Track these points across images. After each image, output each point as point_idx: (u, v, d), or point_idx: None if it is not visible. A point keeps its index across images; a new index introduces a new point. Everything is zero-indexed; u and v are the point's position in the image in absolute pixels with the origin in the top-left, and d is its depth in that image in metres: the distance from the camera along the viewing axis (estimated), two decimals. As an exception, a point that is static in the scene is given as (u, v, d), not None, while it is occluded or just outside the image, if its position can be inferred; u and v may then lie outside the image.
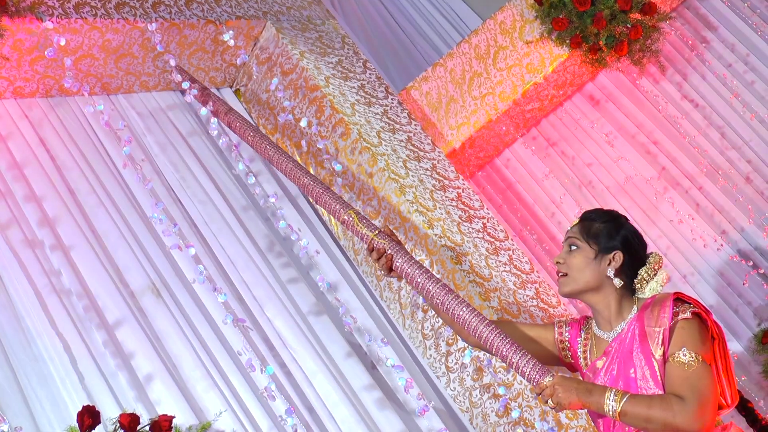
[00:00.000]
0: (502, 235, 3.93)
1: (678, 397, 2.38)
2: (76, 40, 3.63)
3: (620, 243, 2.66)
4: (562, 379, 2.52)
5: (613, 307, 2.65)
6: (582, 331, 2.80)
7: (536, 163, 5.76)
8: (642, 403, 2.40)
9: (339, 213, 3.12)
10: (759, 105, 5.35)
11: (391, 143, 4.03)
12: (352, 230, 3.04)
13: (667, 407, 2.37)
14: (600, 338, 2.69)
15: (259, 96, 4.35)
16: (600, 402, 2.45)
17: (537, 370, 2.58)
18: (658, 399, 2.40)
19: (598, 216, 2.74)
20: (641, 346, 2.52)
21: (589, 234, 2.68)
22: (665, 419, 2.37)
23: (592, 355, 2.72)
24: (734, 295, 5.15)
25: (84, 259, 3.39)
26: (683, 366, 2.42)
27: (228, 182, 3.97)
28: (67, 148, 3.69)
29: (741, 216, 5.25)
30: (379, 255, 2.92)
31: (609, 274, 2.64)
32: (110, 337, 3.24)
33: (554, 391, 2.50)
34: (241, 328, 3.34)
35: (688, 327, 2.49)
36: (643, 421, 2.40)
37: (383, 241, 2.92)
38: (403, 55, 6.53)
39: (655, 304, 2.57)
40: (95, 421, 2.78)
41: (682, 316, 2.50)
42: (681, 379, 2.41)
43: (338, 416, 3.42)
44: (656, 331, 2.50)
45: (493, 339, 2.68)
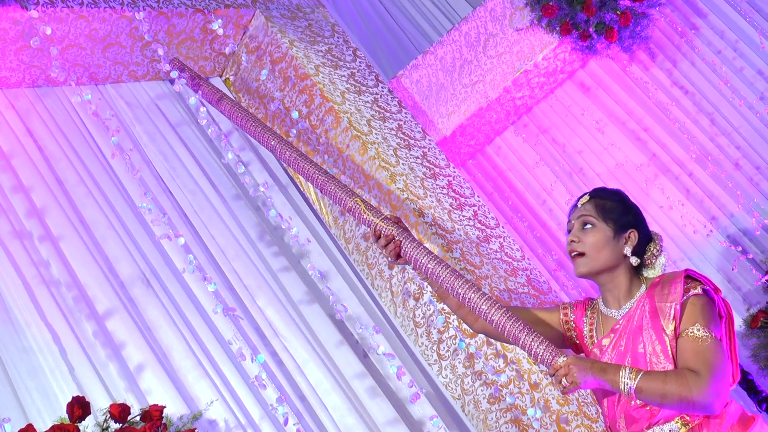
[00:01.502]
0: (492, 222, 3.92)
1: (692, 372, 2.39)
2: (63, 29, 3.60)
3: (634, 221, 2.66)
4: (575, 358, 2.50)
5: (624, 286, 2.65)
6: (587, 310, 2.80)
7: (527, 151, 5.77)
8: (657, 378, 2.41)
9: (344, 201, 3.10)
10: (748, 91, 5.36)
11: (382, 131, 4.02)
12: (357, 218, 3.02)
13: (683, 381, 2.38)
14: (607, 316, 2.69)
15: (248, 85, 4.33)
16: (615, 379, 2.44)
17: (550, 351, 2.56)
18: (673, 374, 2.41)
19: (608, 194, 2.73)
20: (652, 322, 2.53)
21: (604, 212, 2.66)
22: (681, 393, 2.37)
23: (599, 333, 2.71)
24: (724, 280, 5.17)
25: (73, 249, 3.38)
26: (697, 340, 2.43)
27: (218, 171, 3.95)
28: (54, 138, 3.67)
29: (730, 202, 5.27)
30: (387, 241, 2.89)
31: (626, 253, 2.63)
32: (100, 328, 3.23)
33: (569, 370, 2.48)
34: (231, 318, 3.33)
35: (700, 303, 2.50)
36: (659, 397, 2.40)
37: (391, 227, 2.90)
38: (393, 43, 6.52)
39: (665, 281, 2.57)
40: (85, 412, 2.77)
41: (693, 292, 2.51)
42: (695, 353, 2.42)
43: (330, 404, 3.42)
44: (667, 306, 2.51)
45: (504, 322, 2.66)
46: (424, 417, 3.51)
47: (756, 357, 4.82)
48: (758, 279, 5.00)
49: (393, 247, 2.87)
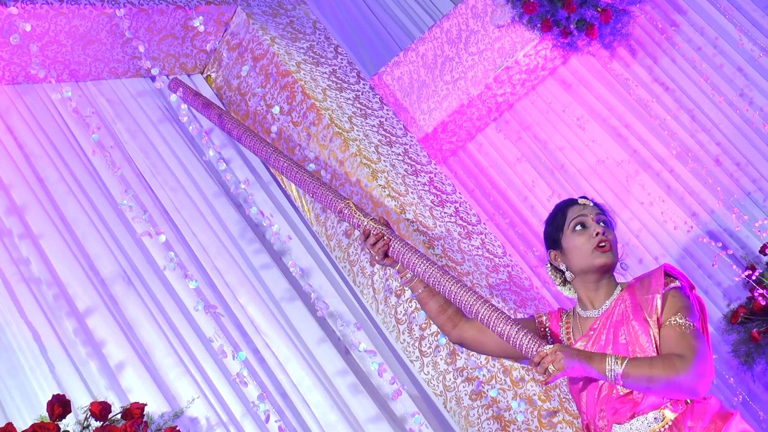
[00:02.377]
0: (474, 219, 3.93)
1: (678, 355, 2.46)
2: (42, 26, 3.59)
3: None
4: (561, 345, 2.56)
5: (611, 285, 2.76)
6: (562, 318, 2.89)
7: (508, 148, 5.78)
8: (643, 363, 2.46)
9: (336, 204, 3.18)
10: (728, 88, 5.39)
11: (363, 128, 4.03)
12: (348, 220, 3.11)
13: (669, 364, 2.44)
14: (585, 318, 2.77)
15: (230, 82, 4.33)
16: (601, 366, 2.49)
17: (535, 341, 2.63)
18: (659, 358, 2.47)
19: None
20: (635, 315, 2.60)
21: (608, 217, 2.82)
22: (668, 376, 2.43)
23: (577, 334, 2.79)
24: (704, 276, 5.20)
25: (53, 247, 3.37)
26: (680, 326, 2.51)
27: (199, 169, 3.95)
28: (35, 135, 3.65)
29: (711, 198, 5.29)
30: (376, 239, 2.97)
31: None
32: (81, 326, 3.22)
33: (556, 357, 2.52)
34: (213, 315, 3.33)
35: (679, 296, 2.60)
36: (646, 381, 2.45)
37: (380, 227, 2.99)
38: (374, 40, 6.51)
39: (644, 278, 2.68)
40: (65, 410, 2.77)
41: (672, 285, 2.62)
42: (679, 339, 2.50)
43: (312, 401, 3.43)
44: (649, 297, 2.60)
45: (490, 316, 2.72)
46: (406, 414, 3.51)
47: (736, 352, 4.84)
48: (738, 275, 5.03)
49: (382, 245, 2.96)
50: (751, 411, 4.93)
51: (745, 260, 5.05)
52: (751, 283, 4.81)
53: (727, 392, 4.98)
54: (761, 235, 5.13)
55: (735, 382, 4.95)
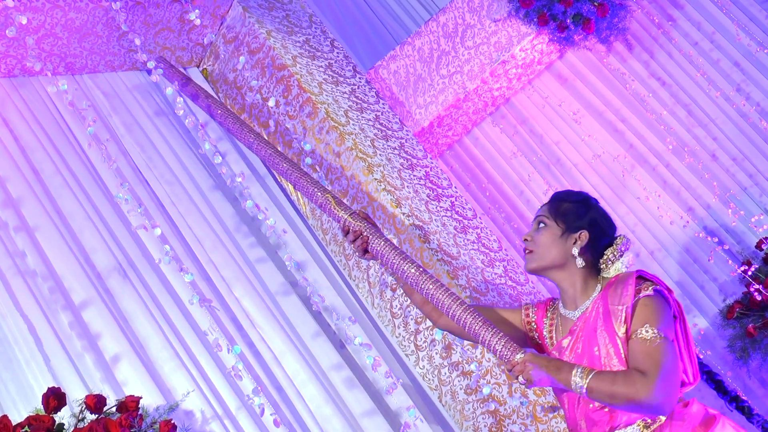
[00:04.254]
0: (470, 213, 3.93)
1: (640, 372, 2.41)
2: (38, 18, 3.58)
3: (587, 223, 2.69)
4: (532, 356, 2.55)
5: (578, 286, 2.68)
6: (548, 311, 2.84)
7: (504, 142, 5.78)
8: (606, 379, 2.43)
9: (315, 196, 3.14)
10: (724, 83, 5.39)
11: (359, 122, 4.02)
12: (328, 213, 3.08)
13: (630, 382, 2.39)
14: (565, 317, 2.72)
15: (226, 75, 4.32)
16: (567, 378, 2.48)
17: (509, 348, 2.61)
18: (622, 375, 2.43)
19: (568, 196, 2.78)
20: (605, 324, 2.55)
21: (557, 213, 2.72)
22: (628, 394, 2.39)
23: (558, 335, 2.75)
24: (700, 271, 5.21)
25: (49, 240, 3.36)
26: (645, 342, 2.44)
27: (194, 162, 3.94)
28: (30, 128, 3.65)
29: (707, 193, 5.30)
30: (355, 236, 2.95)
31: (574, 253, 2.66)
32: (76, 319, 3.22)
33: (525, 368, 2.53)
34: (208, 308, 3.33)
35: (650, 304, 2.51)
36: (608, 397, 2.43)
37: (359, 223, 2.96)
38: (371, 33, 6.51)
39: (618, 282, 2.59)
40: (61, 403, 2.77)
41: (644, 294, 2.53)
42: (643, 355, 2.43)
43: (306, 395, 3.43)
44: (619, 309, 2.53)
45: (466, 318, 2.71)
46: (401, 408, 3.52)
47: (732, 347, 4.85)
48: (734, 270, 5.04)
49: (360, 243, 2.94)
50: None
51: (741, 255, 5.06)
52: (747, 279, 4.83)
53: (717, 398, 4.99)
54: (757, 230, 5.15)
55: (731, 377, 4.96)
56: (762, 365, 4.75)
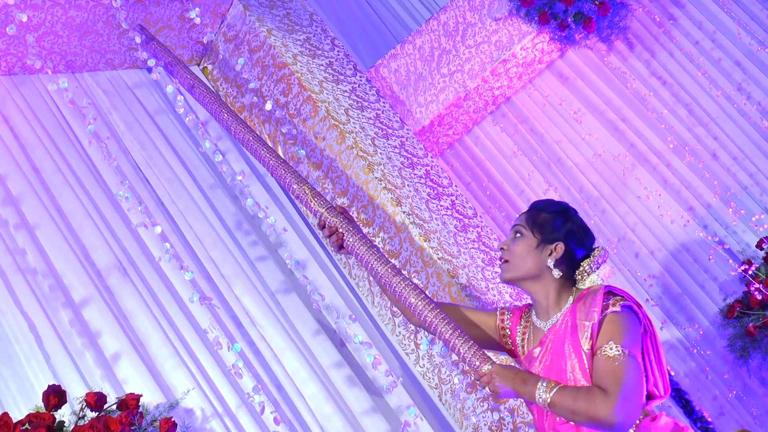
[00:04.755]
0: (470, 212, 3.93)
1: (602, 390, 2.39)
2: (39, 16, 3.58)
3: (563, 234, 2.67)
4: (500, 368, 2.55)
5: (551, 298, 2.66)
6: (522, 319, 2.82)
7: (505, 141, 5.78)
8: (569, 394, 2.43)
9: (293, 187, 3.10)
10: (726, 82, 5.38)
11: (360, 121, 4.02)
12: (305, 205, 3.04)
13: (591, 400, 2.39)
14: (537, 327, 2.71)
15: (226, 74, 4.32)
16: (532, 392, 2.48)
17: (478, 357, 2.60)
18: (584, 391, 2.42)
19: (547, 206, 2.75)
20: (572, 339, 2.53)
21: (534, 223, 2.69)
22: (588, 411, 2.38)
23: (530, 344, 2.73)
24: (700, 271, 5.20)
25: (49, 237, 3.37)
26: (609, 360, 2.42)
27: (195, 160, 3.95)
28: (31, 126, 3.65)
29: (707, 192, 5.30)
30: (331, 232, 2.92)
31: (549, 264, 2.64)
32: (76, 316, 3.22)
33: (491, 379, 2.54)
34: (208, 306, 3.33)
35: (617, 320, 2.49)
36: (570, 413, 2.43)
37: (335, 219, 2.93)
38: (371, 32, 6.51)
39: (587, 296, 2.57)
40: (61, 401, 2.77)
41: (611, 310, 2.50)
42: (606, 373, 2.42)
43: (307, 393, 3.43)
44: (586, 325, 2.50)
45: (437, 323, 2.70)
46: (402, 406, 3.52)
47: (732, 347, 4.85)
48: (735, 269, 5.03)
49: (336, 239, 2.91)
50: (746, 406, 4.95)
51: (742, 255, 5.06)
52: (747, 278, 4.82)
53: (723, 387, 4.99)
54: (758, 229, 5.14)
55: (730, 377, 4.96)
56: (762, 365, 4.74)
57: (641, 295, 5.22)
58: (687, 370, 5.04)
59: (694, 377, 5.01)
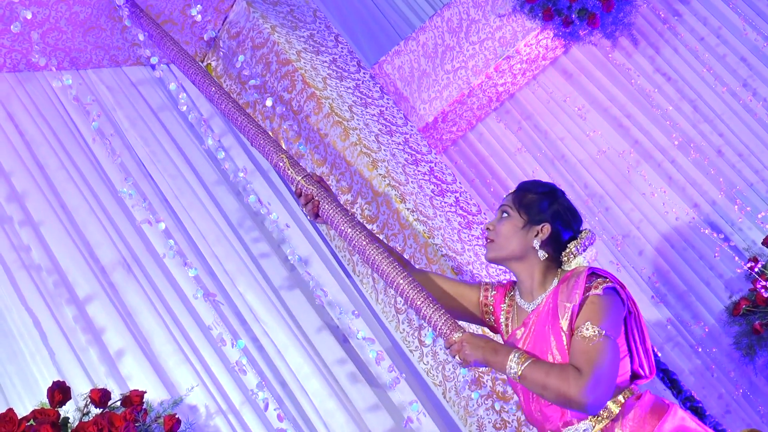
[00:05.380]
0: (474, 209, 3.93)
1: (575, 369, 2.39)
2: (43, 12, 3.58)
3: (550, 216, 2.64)
4: (470, 336, 2.54)
5: (536, 278, 2.64)
6: (506, 297, 2.79)
7: (509, 137, 5.78)
8: (541, 369, 2.42)
9: (271, 156, 3.10)
10: (731, 78, 5.37)
11: (363, 117, 4.02)
12: (283, 174, 3.03)
13: (564, 377, 2.38)
14: (521, 308, 2.69)
15: (230, 71, 4.32)
16: (503, 362, 2.47)
17: (448, 325, 2.59)
18: (558, 368, 2.41)
19: (534, 187, 2.72)
20: (553, 320, 2.52)
21: (521, 203, 2.67)
22: (559, 388, 2.37)
23: (513, 324, 2.72)
24: (706, 268, 5.19)
25: (53, 234, 3.37)
26: (585, 340, 2.41)
27: (198, 157, 3.95)
28: (35, 123, 3.66)
29: (713, 189, 5.29)
30: (307, 200, 2.92)
31: (534, 245, 2.62)
32: (80, 313, 3.22)
33: (461, 348, 2.53)
34: (212, 303, 3.33)
35: (597, 301, 2.47)
36: (540, 388, 2.41)
37: (312, 187, 2.93)
38: (375, 29, 6.50)
39: (571, 277, 2.56)
40: (65, 397, 2.77)
41: (593, 292, 2.49)
42: (581, 353, 2.41)
43: (310, 389, 3.43)
44: (567, 306, 2.49)
45: (408, 291, 2.68)
46: (405, 402, 3.52)
47: (738, 344, 4.84)
48: (740, 266, 5.03)
49: (311, 207, 2.91)
50: (753, 404, 4.94)
51: (748, 252, 5.05)
52: (753, 275, 4.81)
53: (729, 385, 4.98)
54: (764, 226, 5.13)
55: (736, 375, 4.95)
56: (768, 362, 4.74)
57: (646, 293, 5.21)
58: (692, 367, 5.03)
59: (699, 375, 5.00)
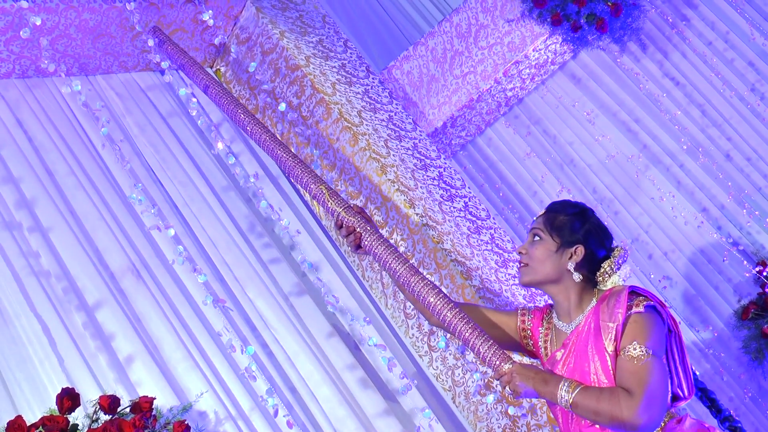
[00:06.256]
0: (483, 214, 3.92)
1: (626, 391, 2.38)
2: (52, 19, 3.59)
3: (582, 237, 2.63)
4: (520, 367, 2.53)
5: (572, 300, 2.64)
6: (544, 320, 2.79)
7: (518, 142, 5.77)
8: (592, 395, 2.41)
9: (310, 187, 3.09)
10: (739, 83, 5.36)
11: (372, 123, 4.02)
12: (322, 205, 3.03)
13: (615, 401, 2.37)
14: (560, 330, 2.68)
15: (239, 76, 4.32)
16: (554, 392, 2.46)
17: (498, 356, 2.58)
18: (608, 392, 2.40)
19: (564, 208, 2.71)
20: (595, 341, 2.51)
21: (552, 226, 2.66)
22: (612, 412, 2.36)
23: (552, 346, 2.71)
24: (714, 272, 5.18)
25: (63, 240, 3.37)
26: (633, 360, 2.41)
27: (208, 162, 3.95)
28: (44, 129, 3.66)
29: (721, 193, 5.27)
30: (348, 232, 2.91)
31: (569, 268, 2.61)
32: (90, 319, 3.22)
33: (512, 378, 2.52)
34: (221, 309, 3.33)
35: (641, 320, 2.47)
36: (593, 414, 2.41)
37: (353, 218, 2.92)
38: (384, 34, 6.50)
39: (610, 297, 2.54)
40: (75, 403, 2.77)
41: (635, 310, 2.48)
42: (630, 373, 2.40)
43: (320, 396, 3.42)
44: (610, 326, 2.48)
45: (456, 323, 2.67)
46: (415, 409, 3.51)
47: (747, 349, 4.83)
48: (749, 270, 5.01)
49: (354, 239, 2.90)
50: (762, 408, 4.92)
51: (756, 256, 5.04)
52: (762, 279, 4.80)
53: (738, 389, 4.97)
54: (772, 230, 5.12)
55: (746, 379, 4.93)
56: (777, 366, 4.73)
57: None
58: (702, 371, 5.02)
59: (709, 379, 4.99)
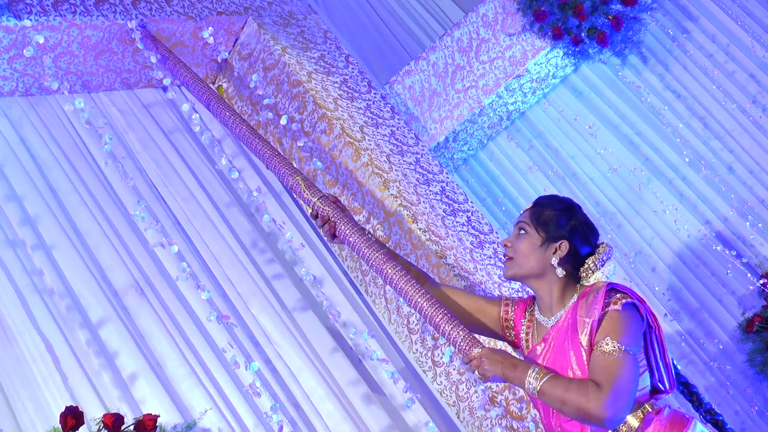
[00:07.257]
0: (486, 228, 3.92)
1: (595, 384, 2.39)
2: (55, 37, 3.60)
3: (568, 232, 2.64)
4: (489, 351, 2.54)
5: (555, 294, 2.64)
6: (527, 313, 2.78)
7: (520, 156, 5.77)
8: (560, 384, 2.42)
9: (286, 178, 3.14)
10: (740, 95, 5.37)
11: (375, 138, 4.02)
12: (298, 196, 3.08)
13: (583, 392, 2.38)
14: (541, 324, 2.68)
15: (241, 92, 4.33)
16: (522, 378, 2.47)
17: (467, 341, 2.60)
18: (577, 383, 2.41)
19: (551, 203, 2.71)
20: (572, 336, 2.52)
21: (538, 220, 2.66)
22: (579, 403, 2.37)
23: (533, 340, 2.71)
24: (718, 285, 5.17)
25: (66, 257, 3.37)
26: (604, 354, 2.41)
27: (211, 178, 3.95)
28: (47, 146, 3.67)
29: (724, 205, 5.27)
30: (324, 221, 2.95)
31: (553, 263, 2.62)
32: (93, 337, 3.22)
33: (480, 363, 2.53)
34: (225, 325, 3.33)
35: (617, 317, 2.47)
36: (559, 403, 2.41)
37: (328, 208, 2.96)
38: (385, 49, 6.51)
39: (590, 293, 2.55)
40: (78, 422, 2.76)
41: (612, 308, 2.48)
42: (601, 367, 2.41)
43: (324, 411, 3.42)
44: (586, 321, 2.49)
45: (427, 307, 2.69)
46: (419, 423, 3.50)
47: (752, 362, 4.82)
48: (753, 283, 5.00)
49: (328, 228, 2.94)
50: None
51: (760, 268, 5.03)
52: (766, 292, 4.79)
53: (743, 403, 4.95)
54: (776, 242, 5.11)
55: (751, 393, 4.92)
56: (782, 379, 4.72)
57: (659, 310, 5.19)
58: (707, 384, 5.00)
59: (714, 392, 4.97)
